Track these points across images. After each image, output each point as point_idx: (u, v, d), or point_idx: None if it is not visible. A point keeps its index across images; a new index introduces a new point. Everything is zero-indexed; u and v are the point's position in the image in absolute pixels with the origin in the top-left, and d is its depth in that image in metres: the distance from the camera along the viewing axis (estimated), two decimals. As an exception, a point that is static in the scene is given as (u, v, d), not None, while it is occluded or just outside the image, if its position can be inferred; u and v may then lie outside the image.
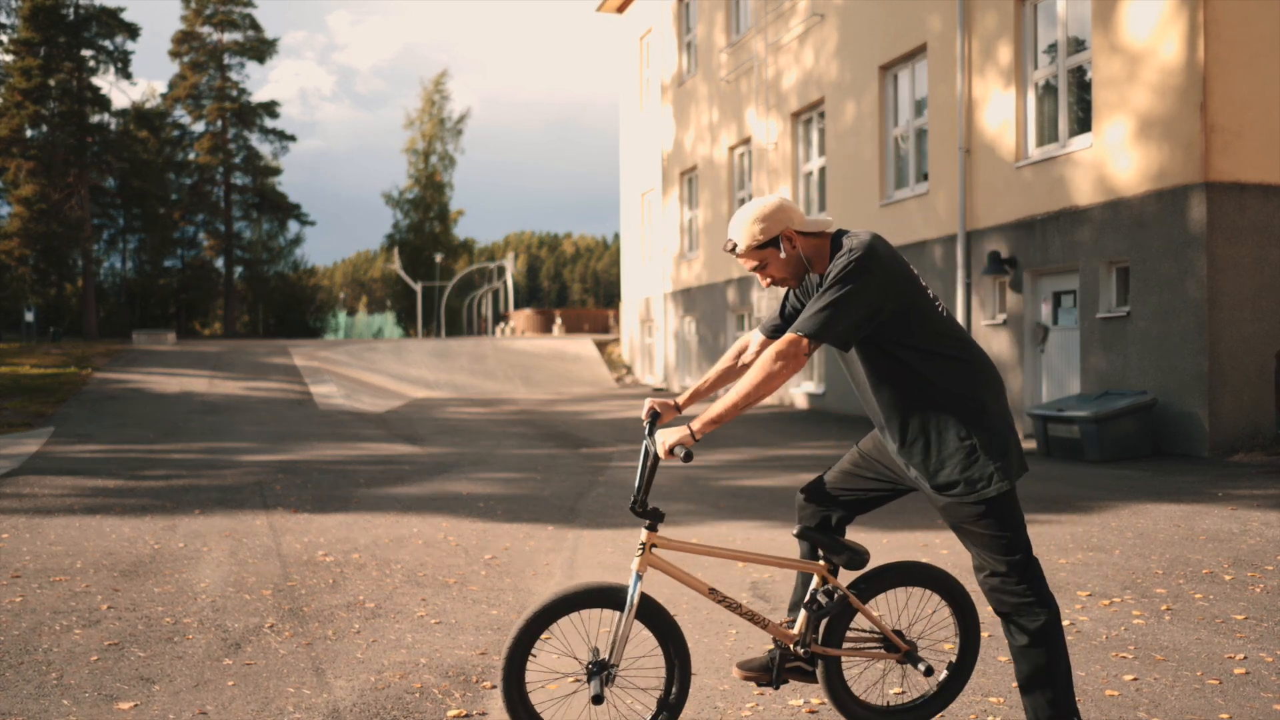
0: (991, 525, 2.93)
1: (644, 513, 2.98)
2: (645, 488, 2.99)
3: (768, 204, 2.98)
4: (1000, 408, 2.97)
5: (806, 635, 3.19)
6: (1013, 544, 2.94)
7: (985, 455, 2.88)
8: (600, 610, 3.04)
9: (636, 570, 3.01)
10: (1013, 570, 2.95)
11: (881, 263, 2.84)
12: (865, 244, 2.87)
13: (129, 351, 26.03)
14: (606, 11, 28.22)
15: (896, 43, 15.48)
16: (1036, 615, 2.95)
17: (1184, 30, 10.55)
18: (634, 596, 2.96)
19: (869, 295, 2.81)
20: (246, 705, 3.80)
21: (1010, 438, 2.94)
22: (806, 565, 3.22)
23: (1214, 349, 10.44)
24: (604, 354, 29.64)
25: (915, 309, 2.90)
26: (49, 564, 6.14)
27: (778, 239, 2.96)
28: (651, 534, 3.01)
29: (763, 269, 3.02)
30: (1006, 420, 2.97)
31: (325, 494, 9.03)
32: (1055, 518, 7.40)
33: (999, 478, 2.88)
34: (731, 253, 3.02)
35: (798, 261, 3.00)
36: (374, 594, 5.48)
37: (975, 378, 2.95)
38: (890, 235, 15.75)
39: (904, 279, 2.89)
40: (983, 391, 2.95)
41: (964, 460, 2.89)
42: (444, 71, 60.96)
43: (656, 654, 3.19)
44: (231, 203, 53.64)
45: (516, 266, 56.22)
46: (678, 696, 3.10)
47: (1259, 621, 4.63)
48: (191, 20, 52.98)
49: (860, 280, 2.80)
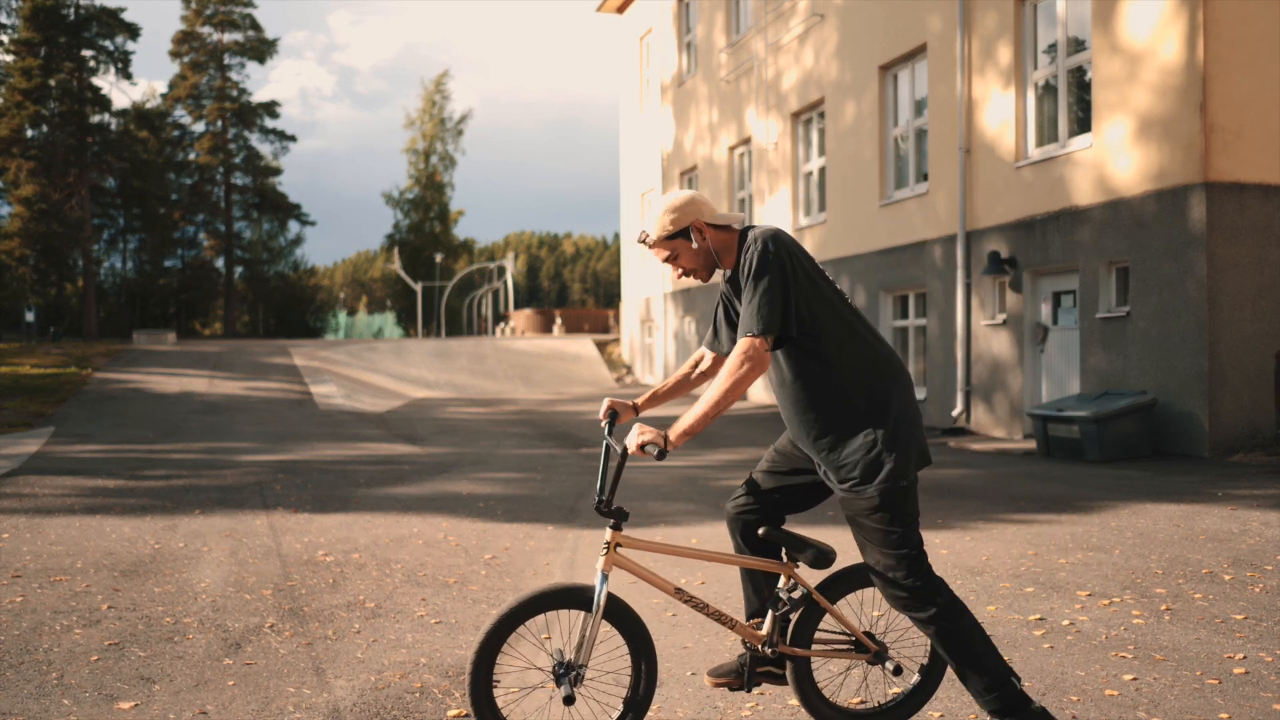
0: (884, 519, 2.94)
1: (608, 512, 2.98)
2: (610, 487, 2.99)
3: (679, 196, 3.06)
4: (906, 401, 3.01)
5: (773, 636, 3.18)
6: (903, 539, 2.96)
7: (885, 448, 2.92)
8: (569, 611, 3.04)
9: (602, 570, 3.00)
10: (901, 564, 2.96)
11: (789, 249, 2.91)
12: (770, 233, 2.95)
13: (129, 351, 26.03)
14: (607, 12, 28.22)
15: (896, 43, 15.48)
16: (929, 604, 2.97)
17: (1184, 30, 10.55)
18: (600, 597, 2.96)
19: (788, 278, 2.88)
20: (247, 705, 3.81)
21: (913, 432, 2.99)
22: (772, 565, 3.19)
23: (1214, 349, 10.44)
24: (604, 354, 29.64)
25: (824, 302, 2.95)
26: (49, 564, 6.14)
27: (688, 230, 3.04)
28: (616, 533, 3.01)
29: (674, 259, 3.08)
30: (911, 414, 3.00)
31: (325, 494, 9.03)
32: (1055, 518, 7.40)
33: (896, 472, 2.91)
34: (643, 244, 3.10)
35: (707, 253, 3.07)
36: (374, 594, 5.49)
37: (882, 371, 3.00)
38: (890, 235, 15.76)
39: (812, 270, 2.96)
40: (889, 385, 2.99)
41: (865, 453, 2.93)
42: (445, 71, 61.04)
43: (624, 654, 3.17)
44: (232, 203, 53.64)
45: (516, 266, 56.24)
46: (644, 697, 3.09)
47: (1258, 621, 4.63)
48: (192, 20, 52.98)
49: (775, 265, 2.87)
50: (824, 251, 17.69)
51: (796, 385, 3.02)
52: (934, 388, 14.77)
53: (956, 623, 3.00)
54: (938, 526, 7.17)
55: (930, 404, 14.84)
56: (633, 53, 27.21)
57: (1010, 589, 5.34)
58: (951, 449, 12.35)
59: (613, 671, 3.39)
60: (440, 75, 59.46)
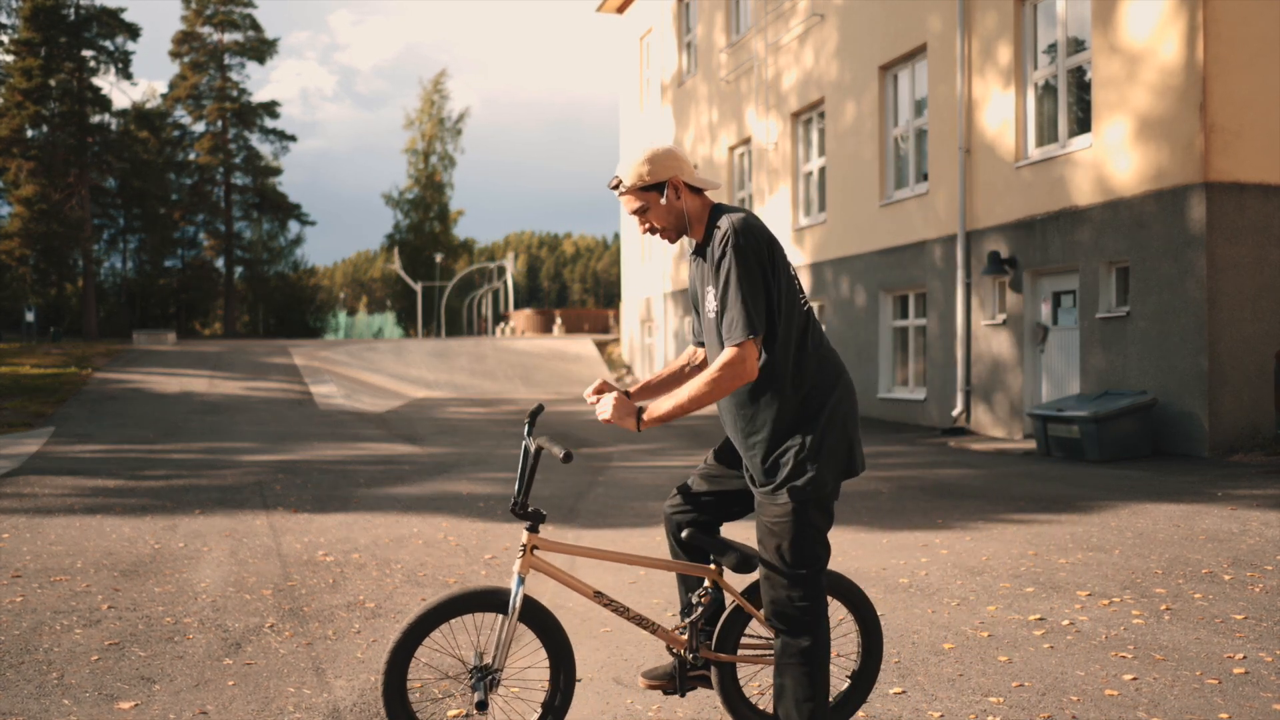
0: (790, 528, 2.82)
1: (524, 514, 2.94)
2: (526, 489, 2.95)
3: (659, 147, 2.91)
4: (844, 410, 2.89)
5: (694, 641, 3.12)
6: (805, 555, 2.83)
7: (809, 456, 2.81)
8: (486, 614, 3.02)
9: (518, 573, 2.96)
10: (795, 582, 2.83)
11: (766, 241, 2.82)
12: (744, 220, 2.82)
13: (129, 351, 26.03)
14: (607, 12, 28.22)
15: (896, 43, 15.48)
16: (805, 632, 2.84)
17: (1184, 30, 10.55)
18: (516, 600, 2.93)
19: (763, 267, 2.79)
20: (247, 705, 3.81)
21: (841, 443, 2.86)
22: (695, 569, 3.13)
23: (1214, 349, 10.44)
24: (604, 354, 29.64)
25: (784, 298, 2.84)
26: (49, 564, 6.14)
27: (663, 185, 2.89)
28: (532, 535, 2.97)
29: (643, 213, 2.93)
30: (846, 424, 2.88)
31: (325, 494, 9.03)
32: (1055, 518, 7.40)
33: (815, 481, 2.80)
34: (615, 190, 2.94)
35: (679, 214, 2.92)
36: (374, 594, 5.49)
37: (826, 376, 2.89)
38: (890, 235, 15.75)
39: (781, 263, 2.85)
40: (829, 391, 2.88)
41: (790, 457, 2.82)
42: (443, 71, 61.06)
43: (542, 657, 3.15)
44: (232, 203, 53.64)
45: (516, 266, 56.23)
46: (561, 700, 3.07)
47: (1258, 621, 4.63)
48: (192, 20, 52.99)
49: (749, 254, 2.77)
50: (824, 251, 17.70)
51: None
52: (934, 388, 14.77)
53: (816, 665, 2.84)
54: (938, 526, 7.18)
55: (930, 404, 14.84)
56: (633, 53, 27.21)
57: (1010, 589, 5.34)
58: (951, 449, 12.35)
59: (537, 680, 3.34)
60: (439, 75, 59.52)
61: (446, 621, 2.96)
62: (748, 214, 2.88)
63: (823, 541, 2.88)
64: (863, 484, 9.36)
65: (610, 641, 4.58)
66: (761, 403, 2.87)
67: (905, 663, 4.16)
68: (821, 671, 2.86)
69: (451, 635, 3.18)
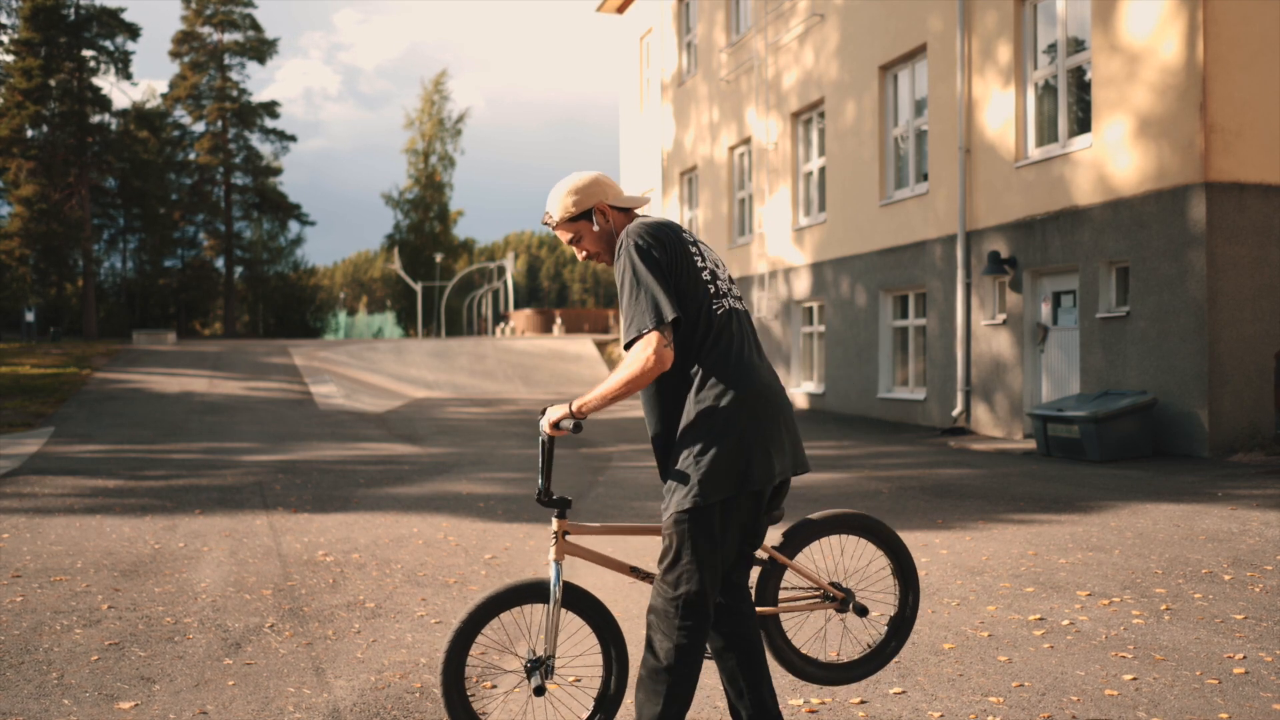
0: (674, 542, 2.77)
1: (550, 501, 2.98)
2: (548, 476, 2.99)
3: (583, 178, 2.98)
4: (751, 423, 2.76)
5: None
6: (685, 575, 2.75)
7: (698, 466, 2.73)
8: (534, 605, 3.06)
9: (554, 559, 3.00)
10: (674, 603, 2.76)
11: (660, 242, 2.80)
12: (641, 225, 2.84)
13: (129, 351, 26.03)
14: (607, 12, 28.21)
15: (896, 43, 15.48)
16: (670, 654, 2.76)
17: (1184, 30, 10.55)
18: (556, 587, 2.96)
19: (659, 266, 2.76)
20: (247, 705, 3.81)
21: (739, 458, 2.73)
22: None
23: (1214, 349, 10.44)
24: (604, 354, 29.64)
25: (683, 293, 2.79)
26: (49, 564, 6.14)
27: (590, 212, 2.96)
28: (562, 521, 3.01)
29: (577, 242, 3.00)
30: (747, 437, 2.75)
31: (325, 494, 9.03)
32: (1055, 518, 7.40)
33: (701, 493, 2.71)
34: (547, 225, 3.01)
35: (610, 237, 2.98)
36: (374, 594, 5.49)
37: (731, 385, 2.77)
38: (890, 235, 15.76)
39: (685, 268, 2.82)
40: (732, 402, 2.75)
41: (688, 467, 2.75)
42: (444, 71, 61.00)
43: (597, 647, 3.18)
44: (232, 203, 53.65)
45: (516, 266, 56.22)
46: (616, 688, 3.08)
47: (1258, 621, 4.63)
48: (191, 20, 53.00)
49: (642, 255, 2.76)
50: (824, 252, 17.70)
51: (650, 386, 2.88)
52: (934, 388, 14.77)
53: (671, 690, 2.77)
54: (938, 526, 7.18)
55: (930, 404, 14.84)
56: (633, 53, 27.21)
57: (1010, 589, 5.34)
58: (951, 449, 12.35)
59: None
60: (439, 75, 59.47)
61: (495, 618, 3.00)
62: (655, 222, 2.88)
63: (709, 565, 2.76)
64: (863, 484, 9.37)
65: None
66: (663, 407, 2.87)
67: (905, 662, 4.17)
68: (675, 701, 2.78)
69: (503, 630, 3.24)
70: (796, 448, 2.94)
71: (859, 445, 12.78)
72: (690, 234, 2.98)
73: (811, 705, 3.70)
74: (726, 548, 2.81)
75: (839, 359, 17.32)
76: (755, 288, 19.98)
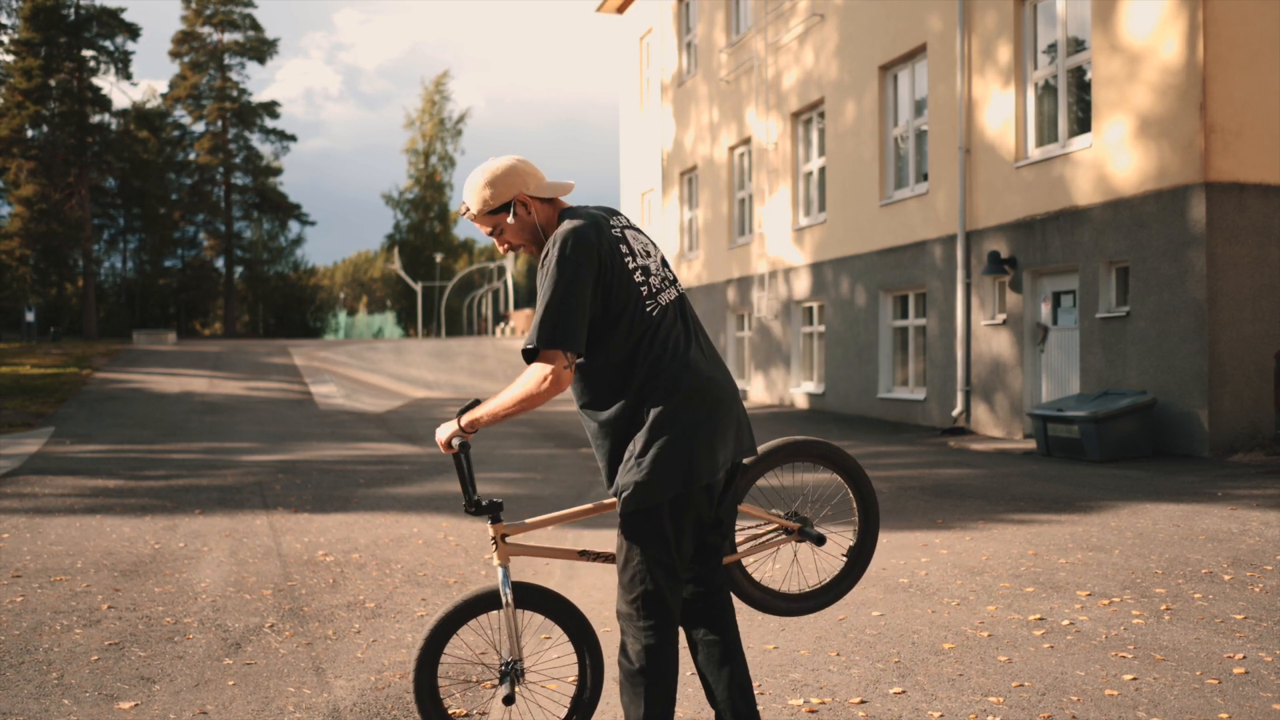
0: (622, 543, 2.74)
1: (479, 510, 2.93)
2: (471, 486, 2.94)
3: (499, 166, 2.81)
4: (690, 421, 2.69)
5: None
6: (638, 575, 2.71)
7: (636, 464, 2.67)
8: (493, 614, 3.04)
9: (499, 564, 2.97)
10: (634, 603, 2.73)
11: (590, 247, 2.68)
12: (573, 230, 2.70)
13: (129, 351, 26.03)
14: (607, 12, 28.22)
15: (896, 43, 15.48)
16: (638, 661, 2.74)
17: (1184, 30, 10.55)
18: (506, 591, 2.95)
19: (584, 287, 2.64)
20: (247, 705, 3.81)
21: (681, 456, 2.67)
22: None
23: (1214, 349, 10.44)
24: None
25: (618, 305, 2.72)
26: (49, 564, 6.14)
27: (510, 204, 2.80)
28: (497, 525, 2.98)
29: (498, 235, 2.86)
30: (688, 435, 2.68)
31: (325, 494, 9.03)
32: (1055, 518, 7.40)
33: (643, 489, 2.65)
34: (465, 215, 2.88)
35: (533, 228, 2.83)
36: (374, 594, 5.49)
37: (667, 386, 2.70)
38: (890, 235, 15.76)
39: (616, 270, 2.72)
40: (670, 402, 2.68)
41: (629, 470, 2.69)
42: (445, 72, 61.15)
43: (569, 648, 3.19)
44: (232, 203, 53.67)
45: (516, 266, 56.24)
46: (591, 693, 3.07)
47: (1258, 621, 4.63)
48: (191, 20, 53.03)
49: (570, 266, 2.64)
50: (824, 252, 17.70)
51: (581, 383, 2.81)
52: (934, 388, 14.77)
53: (649, 690, 2.74)
54: (938, 526, 7.18)
55: (930, 404, 14.84)
56: (633, 53, 27.21)
57: (1010, 589, 5.34)
58: (951, 449, 12.35)
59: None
60: (440, 75, 59.55)
61: (456, 631, 2.98)
62: (587, 222, 2.75)
63: (662, 564, 2.72)
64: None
65: (609, 641, 4.58)
66: (598, 411, 2.78)
67: (905, 662, 4.17)
68: (656, 701, 2.77)
69: (475, 636, 3.22)
70: (742, 434, 2.86)
71: (859, 445, 12.78)
72: (619, 222, 2.85)
73: (811, 705, 3.70)
74: (682, 545, 2.75)
75: (839, 359, 17.32)
76: (755, 288, 19.98)
